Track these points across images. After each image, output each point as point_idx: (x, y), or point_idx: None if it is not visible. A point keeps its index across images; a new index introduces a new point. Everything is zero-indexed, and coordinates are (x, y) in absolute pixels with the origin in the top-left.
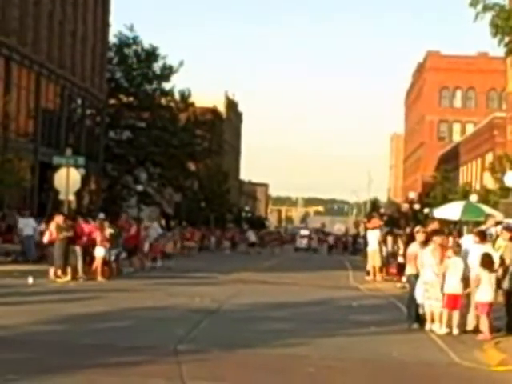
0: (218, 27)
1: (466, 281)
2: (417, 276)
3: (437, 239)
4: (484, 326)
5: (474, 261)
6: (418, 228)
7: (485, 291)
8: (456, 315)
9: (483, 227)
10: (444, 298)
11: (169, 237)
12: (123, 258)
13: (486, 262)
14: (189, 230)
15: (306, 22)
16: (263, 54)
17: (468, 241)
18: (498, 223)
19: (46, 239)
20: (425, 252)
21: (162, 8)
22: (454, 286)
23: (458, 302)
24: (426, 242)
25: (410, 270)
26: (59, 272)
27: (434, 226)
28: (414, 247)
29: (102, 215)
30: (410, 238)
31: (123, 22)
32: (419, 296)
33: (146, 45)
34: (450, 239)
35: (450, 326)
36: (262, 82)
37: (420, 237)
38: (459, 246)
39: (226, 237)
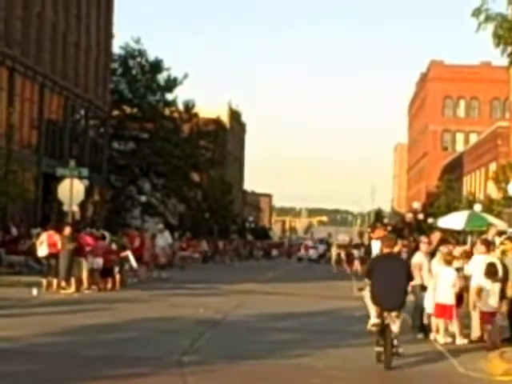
0: (221, 38)
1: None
2: (422, 286)
3: (443, 249)
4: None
5: (477, 270)
6: (422, 238)
7: (489, 300)
8: (455, 325)
9: (484, 237)
10: (435, 307)
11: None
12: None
13: (491, 271)
14: (184, 241)
15: (308, 32)
16: (267, 65)
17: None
18: (500, 233)
19: (43, 252)
20: (433, 262)
21: (166, 19)
22: (445, 296)
23: (450, 312)
24: (430, 252)
25: (414, 280)
26: (63, 283)
27: (436, 236)
28: (418, 257)
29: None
30: (414, 248)
31: (127, 32)
32: (428, 306)
33: (151, 57)
34: (457, 248)
35: (453, 335)
36: (266, 93)
37: (423, 247)
38: (451, 255)
39: (228, 247)
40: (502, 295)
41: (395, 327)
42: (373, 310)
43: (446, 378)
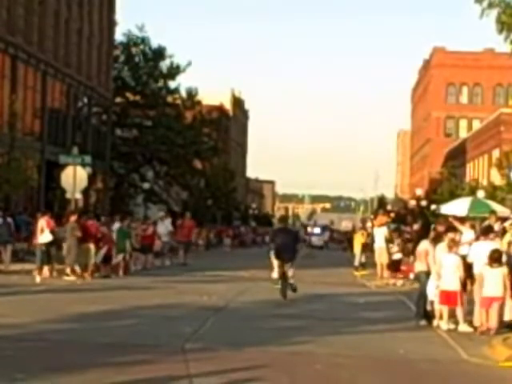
0: (223, 25)
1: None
2: (427, 273)
3: (450, 235)
4: (493, 319)
5: (479, 257)
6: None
7: (490, 286)
8: (459, 311)
9: (486, 223)
10: (439, 294)
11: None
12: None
13: (496, 257)
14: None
15: (311, 19)
16: (269, 51)
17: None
18: (502, 219)
19: (46, 238)
20: (438, 248)
21: (169, 6)
22: (449, 283)
23: (455, 299)
24: (436, 239)
25: (420, 266)
26: (68, 270)
27: (441, 226)
28: (424, 244)
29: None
30: (420, 235)
31: (130, 19)
32: (431, 292)
33: (154, 45)
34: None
35: (456, 322)
36: (269, 80)
37: (431, 234)
38: (454, 241)
39: (228, 234)
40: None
41: (290, 271)
42: (275, 263)
43: (450, 365)
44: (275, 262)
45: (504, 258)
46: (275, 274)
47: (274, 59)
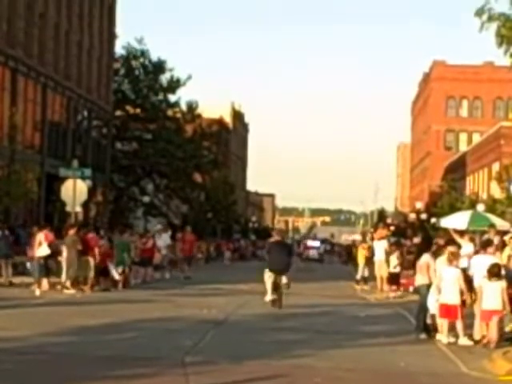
0: (223, 38)
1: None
2: (428, 286)
3: (450, 248)
4: (492, 333)
5: (479, 271)
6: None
7: (489, 300)
8: (459, 325)
9: (486, 237)
10: (439, 307)
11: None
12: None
13: (495, 272)
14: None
15: (311, 32)
16: (269, 65)
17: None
18: (502, 233)
19: (44, 252)
20: (438, 262)
21: (168, 19)
22: (449, 296)
23: (455, 312)
24: (436, 253)
25: (421, 280)
26: (68, 283)
27: (441, 240)
28: (425, 257)
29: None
30: (421, 249)
31: (131, 32)
32: (432, 305)
33: (154, 58)
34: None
35: (457, 335)
36: (268, 93)
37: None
38: (454, 255)
39: (228, 247)
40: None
41: (284, 279)
42: (269, 285)
43: (450, 378)
44: (269, 285)
45: (503, 272)
46: (268, 298)
47: (274, 72)
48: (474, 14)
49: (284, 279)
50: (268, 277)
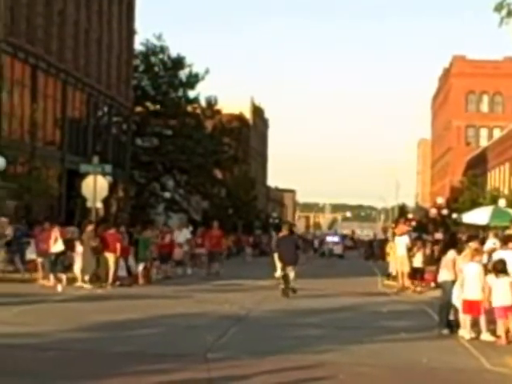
0: (243, 33)
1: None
2: (453, 282)
3: (472, 244)
4: (500, 330)
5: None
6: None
7: (500, 296)
8: (482, 320)
9: (507, 232)
10: (462, 303)
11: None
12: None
13: (500, 268)
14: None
15: (332, 27)
16: (289, 60)
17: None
18: None
19: (59, 248)
20: (460, 258)
21: (187, 15)
22: (472, 292)
23: (478, 308)
24: (460, 249)
25: (445, 275)
26: (86, 279)
27: (463, 236)
28: (452, 253)
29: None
30: (447, 244)
31: (150, 28)
32: (456, 302)
33: (173, 53)
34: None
35: (479, 331)
36: (289, 88)
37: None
38: (477, 250)
39: (249, 243)
40: None
41: (292, 274)
42: (279, 265)
43: (473, 374)
44: (278, 264)
45: None
46: (278, 273)
47: (294, 67)
48: (493, 9)
49: (292, 274)
50: (277, 258)
